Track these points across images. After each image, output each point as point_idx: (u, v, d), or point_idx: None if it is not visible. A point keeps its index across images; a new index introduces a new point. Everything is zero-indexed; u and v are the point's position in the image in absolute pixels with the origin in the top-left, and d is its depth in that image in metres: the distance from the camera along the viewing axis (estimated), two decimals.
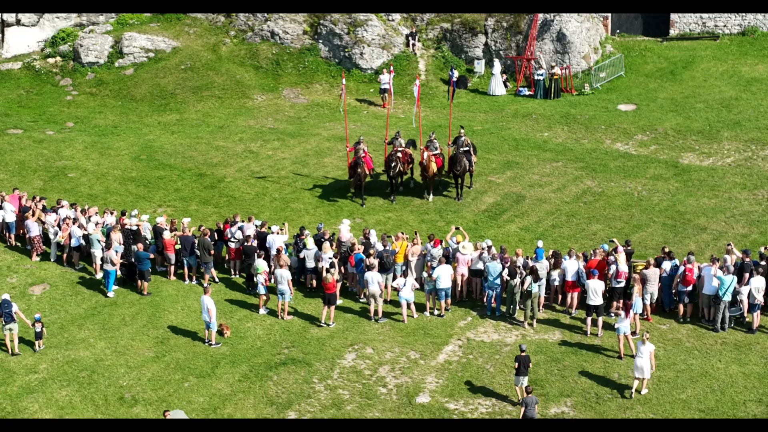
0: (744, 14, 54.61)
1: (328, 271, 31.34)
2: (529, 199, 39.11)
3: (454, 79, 48.06)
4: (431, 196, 39.36)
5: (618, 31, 57.02)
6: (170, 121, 50.46)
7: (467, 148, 39.58)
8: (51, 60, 55.98)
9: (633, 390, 26.46)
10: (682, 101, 48.35)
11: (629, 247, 31.59)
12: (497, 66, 52.74)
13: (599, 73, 52.11)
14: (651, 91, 50.11)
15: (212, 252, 34.08)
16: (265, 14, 56.63)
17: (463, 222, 37.18)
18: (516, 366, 26.37)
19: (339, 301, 32.03)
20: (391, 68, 45.34)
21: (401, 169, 39.23)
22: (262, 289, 31.94)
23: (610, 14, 56.65)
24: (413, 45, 55.51)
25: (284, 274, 31.35)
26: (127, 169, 43.84)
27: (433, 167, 38.81)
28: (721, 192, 38.39)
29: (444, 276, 30.87)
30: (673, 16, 55.87)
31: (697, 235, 35.15)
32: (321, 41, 55.69)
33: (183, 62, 55.01)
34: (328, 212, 39.01)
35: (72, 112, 51.93)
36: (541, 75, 51.47)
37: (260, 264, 32.19)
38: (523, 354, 26.42)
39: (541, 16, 53.38)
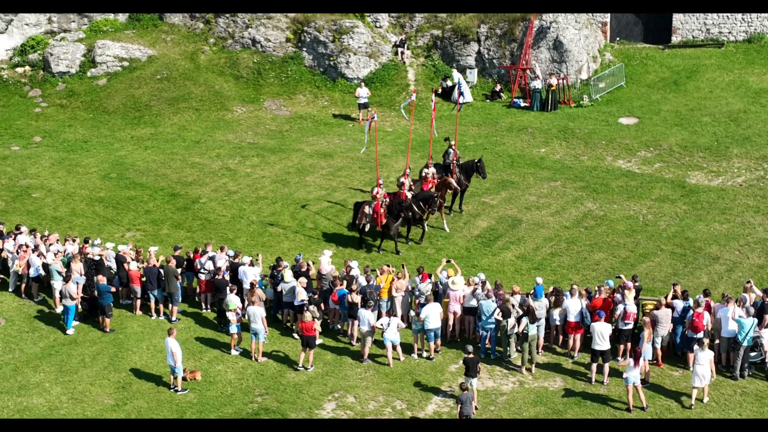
0: (749, 20, 51.95)
1: (307, 309, 28.51)
2: (525, 223, 36.33)
3: (459, 89, 45.22)
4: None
5: (618, 38, 54.29)
6: (144, 135, 47.62)
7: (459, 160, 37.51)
8: (20, 69, 53.08)
9: (693, 399, 25.35)
10: (687, 114, 45.61)
11: (637, 283, 28.72)
12: (456, 75, 50.21)
13: (598, 84, 49.34)
14: (654, 103, 47.38)
15: (178, 277, 31.23)
16: (246, 20, 53.79)
17: (455, 249, 34.47)
18: (465, 368, 25.69)
19: (319, 341, 29.23)
20: (414, 92, 41.23)
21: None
22: (233, 328, 29.11)
23: (609, 21, 53.98)
24: (402, 53, 52.71)
25: (258, 312, 28.53)
26: (96, 189, 41.05)
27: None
28: (733, 216, 35.60)
29: (433, 315, 28.01)
30: (675, 22, 53.20)
31: (709, 266, 32.32)
32: (305, 49, 52.88)
33: (159, 72, 52.15)
34: (309, 237, 36.24)
35: (40, 126, 49.09)
36: (538, 85, 48.68)
37: (232, 300, 29.34)
38: (471, 356, 25.52)
39: (536, 22, 50.60)
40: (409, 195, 35.03)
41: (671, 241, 34.15)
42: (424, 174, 36.80)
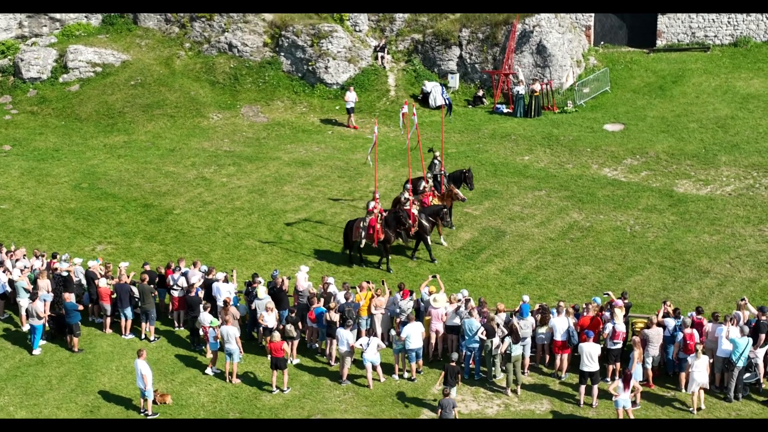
0: (735, 23, 51.06)
1: (283, 328, 27.34)
2: (509, 234, 35.21)
3: (446, 97, 44.15)
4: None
5: (602, 42, 53.32)
6: (117, 144, 46.31)
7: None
8: None
9: (694, 406, 24.95)
10: (673, 120, 44.62)
11: (626, 300, 27.59)
12: (430, 84, 49.26)
13: (583, 89, 48.28)
14: (639, 109, 46.37)
15: (154, 293, 30.04)
16: (222, 25, 52.54)
17: (437, 262, 33.32)
18: (443, 375, 25.42)
19: (296, 361, 28.07)
20: (405, 104, 38.81)
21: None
22: (212, 346, 27.88)
23: (593, 24, 52.99)
24: (382, 58, 51.57)
25: (231, 332, 27.26)
26: (66, 200, 39.79)
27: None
28: (723, 227, 34.55)
29: (414, 335, 26.84)
30: (660, 26, 52.28)
31: (699, 280, 31.22)
32: (283, 54, 51.67)
33: (133, 77, 50.85)
34: (287, 251, 35.00)
35: (10, 134, 47.73)
36: (521, 90, 47.56)
37: (211, 318, 28.06)
38: (452, 364, 25.24)
39: (519, 26, 49.52)
40: (415, 210, 33.62)
41: (660, 253, 33.08)
42: (422, 188, 35.54)
